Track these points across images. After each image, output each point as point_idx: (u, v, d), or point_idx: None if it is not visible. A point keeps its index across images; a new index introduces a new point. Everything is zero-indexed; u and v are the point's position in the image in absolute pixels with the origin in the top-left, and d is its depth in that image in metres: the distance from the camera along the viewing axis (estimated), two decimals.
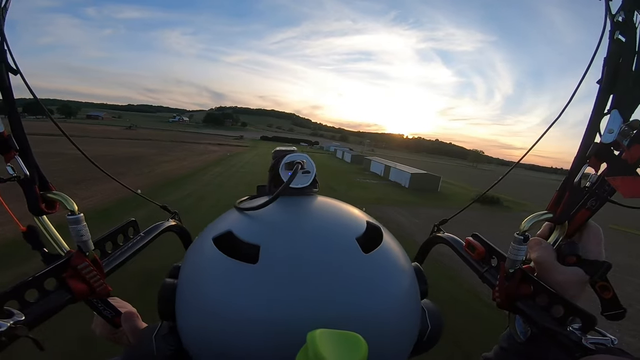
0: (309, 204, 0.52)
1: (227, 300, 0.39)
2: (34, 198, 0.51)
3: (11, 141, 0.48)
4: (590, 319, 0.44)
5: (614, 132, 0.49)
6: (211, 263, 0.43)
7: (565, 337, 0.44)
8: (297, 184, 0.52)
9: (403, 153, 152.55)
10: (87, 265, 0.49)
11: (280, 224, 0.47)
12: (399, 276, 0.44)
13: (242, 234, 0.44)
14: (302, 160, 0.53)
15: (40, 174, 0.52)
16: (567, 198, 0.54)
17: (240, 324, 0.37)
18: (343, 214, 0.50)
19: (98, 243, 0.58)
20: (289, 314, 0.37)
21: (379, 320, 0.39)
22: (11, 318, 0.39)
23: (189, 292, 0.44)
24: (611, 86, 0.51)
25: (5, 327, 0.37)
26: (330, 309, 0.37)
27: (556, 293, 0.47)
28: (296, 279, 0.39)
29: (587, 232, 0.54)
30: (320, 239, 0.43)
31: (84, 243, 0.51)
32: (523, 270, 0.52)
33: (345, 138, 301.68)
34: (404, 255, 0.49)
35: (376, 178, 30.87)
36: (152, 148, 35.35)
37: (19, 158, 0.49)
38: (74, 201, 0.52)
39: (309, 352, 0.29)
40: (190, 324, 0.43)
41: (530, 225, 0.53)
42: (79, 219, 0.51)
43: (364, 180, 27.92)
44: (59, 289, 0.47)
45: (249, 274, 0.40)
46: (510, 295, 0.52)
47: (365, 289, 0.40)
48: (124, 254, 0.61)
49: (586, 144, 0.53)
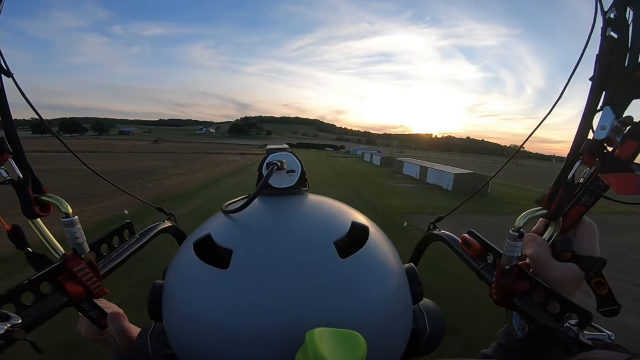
0: (294, 204, 0.51)
1: (199, 306, 0.39)
2: (28, 201, 0.50)
3: (4, 144, 0.48)
4: (586, 315, 0.44)
5: (607, 129, 0.49)
6: (188, 267, 0.44)
7: (563, 333, 0.45)
8: (280, 184, 0.52)
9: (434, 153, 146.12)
10: (82, 268, 0.50)
11: (257, 226, 0.47)
12: (380, 280, 0.43)
13: (219, 238, 0.45)
14: (281, 161, 0.52)
15: (34, 177, 0.51)
16: (561, 194, 0.54)
17: (214, 330, 0.37)
18: (326, 214, 0.49)
19: (93, 245, 0.57)
20: (254, 321, 0.36)
21: (355, 326, 0.38)
22: (8, 321, 0.39)
23: (170, 295, 0.44)
24: (603, 83, 0.51)
25: (2, 331, 0.38)
26: (299, 317, 0.36)
27: (552, 289, 0.48)
28: (265, 286, 0.38)
29: (581, 228, 0.55)
30: (295, 243, 0.42)
31: (79, 245, 0.51)
32: (519, 267, 0.52)
33: (372, 141, 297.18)
34: (393, 256, 0.47)
35: (411, 181, 26.91)
36: (170, 161, 34.40)
37: (12, 161, 0.49)
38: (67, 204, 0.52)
39: (308, 351, 0.28)
40: (172, 327, 0.43)
41: (525, 221, 0.53)
42: (74, 222, 0.51)
43: (398, 185, 24.21)
44: (55, 292, 0.47)
45: (219, 280, 0.40)
46: (507, 291, 0.52)
47: (340, 296, 0.38)
48: (119, 255, 0.61)
49: (579, 141, 0.53)
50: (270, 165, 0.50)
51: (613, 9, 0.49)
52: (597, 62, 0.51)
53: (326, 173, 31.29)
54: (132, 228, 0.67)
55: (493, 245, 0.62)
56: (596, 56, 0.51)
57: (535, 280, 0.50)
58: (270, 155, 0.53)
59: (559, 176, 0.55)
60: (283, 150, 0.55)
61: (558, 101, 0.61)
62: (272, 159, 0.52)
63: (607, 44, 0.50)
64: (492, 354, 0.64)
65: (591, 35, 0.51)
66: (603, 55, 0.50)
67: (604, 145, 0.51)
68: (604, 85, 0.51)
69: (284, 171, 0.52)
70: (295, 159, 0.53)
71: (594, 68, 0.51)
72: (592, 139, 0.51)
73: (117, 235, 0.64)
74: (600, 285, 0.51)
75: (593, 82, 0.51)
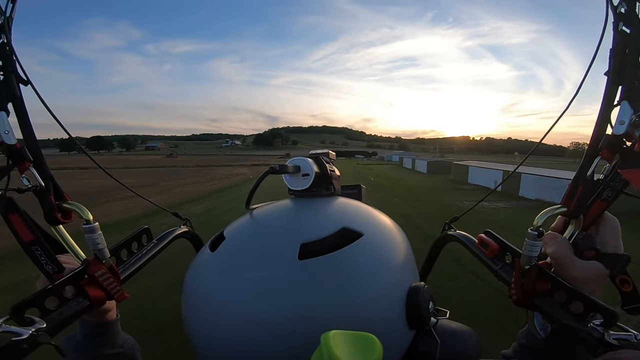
0: (306, 205, 0.55)
1: (193, 283, 0.46)
2: (50, 208, 0.51)
3: (24, 152, 0.49)
4: (612, 314, 0.43)
5: (625, 124, 0.49)
6: (199, 255, 0.51)
7: (587, 333, 0.44)
8: (296, 186, 0.58)
9: (478, 156, 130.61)
10: (103, 273, 0.51)
11: (258, 223, 0.52)
12: (338, 289, 0.41)
13: (226, 230, 0.52)
14: (282, 165, 0.55)
15: (55, 185, 0.53)
16: (580, 191, 0.53)
17: (197, 305, 0.44)
18: (319, 216, 0.52)
19: (113, 251, 0.59)
20: (228, 303, 0.41)
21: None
22: (33, 326, 0.40)
23: (185, 286, 0.49)
24: (619, 77, 0.51)
25: (27, 335, 0.39)
26: (254, 303, 0.39)
27: (574, 289, 0.47)
28: (232, 270, 0.43)
29: (603, 224, 0.53)
30: (275, 241, 0.47)
31: (100, 251, 0.52)
32: (539, 266, 0.51)
33: (404, 146, 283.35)
34: (378, 270, 0.45)
35: (496, 197, 15.61)
36: (152, 177, 26.81)
37: (33, 169, 0.50)
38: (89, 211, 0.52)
39: (322, 354, 0.28)
40: (183, 307, 0.48)
41: (544, 220, 0.52)
42: (94, 228, 0.52)
43: (484, 205, 13.51)
44: (77, 297, 0.48)
45: (206, 259, 0.48)
46: (527, 292, 0.51)
47: (283, 291, 0.40)
48: (138, 260, 0.63)
49: (597, 137, 0.52)
50: (270, 168, 0.54)
51: (623, 3, 0.50)
52: (611, 57, 0.51)
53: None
54: (149, 233, 0.68)
55: (511, 245, 0.60)
56: (610, 51, 0.51)
57: (557, 279, 0.49)
58: (289, 160, 0.57)
59: (578, 173, 0.54)
60: (324, 154, 0.63)
61: (575, 97, 0.61)
62: (289, 164, 0.57)
63: (621, 39, 0.50)
64: (513, 354, 0.63)
65: (605, 30, 0.51)
66: (617, 49, 0.51)
67: (623, 140, 0.50)
68: (620, 79, 0.50)
69: (300, 175, 0.57)
70: (311, 163, 0.57)
71: (609, 63, 0.51)
72: (611, 134, 0.50)
73: (135, 240, 0.65)
74: (624, 283, 0.50)
75: (609, 76, 0.51)
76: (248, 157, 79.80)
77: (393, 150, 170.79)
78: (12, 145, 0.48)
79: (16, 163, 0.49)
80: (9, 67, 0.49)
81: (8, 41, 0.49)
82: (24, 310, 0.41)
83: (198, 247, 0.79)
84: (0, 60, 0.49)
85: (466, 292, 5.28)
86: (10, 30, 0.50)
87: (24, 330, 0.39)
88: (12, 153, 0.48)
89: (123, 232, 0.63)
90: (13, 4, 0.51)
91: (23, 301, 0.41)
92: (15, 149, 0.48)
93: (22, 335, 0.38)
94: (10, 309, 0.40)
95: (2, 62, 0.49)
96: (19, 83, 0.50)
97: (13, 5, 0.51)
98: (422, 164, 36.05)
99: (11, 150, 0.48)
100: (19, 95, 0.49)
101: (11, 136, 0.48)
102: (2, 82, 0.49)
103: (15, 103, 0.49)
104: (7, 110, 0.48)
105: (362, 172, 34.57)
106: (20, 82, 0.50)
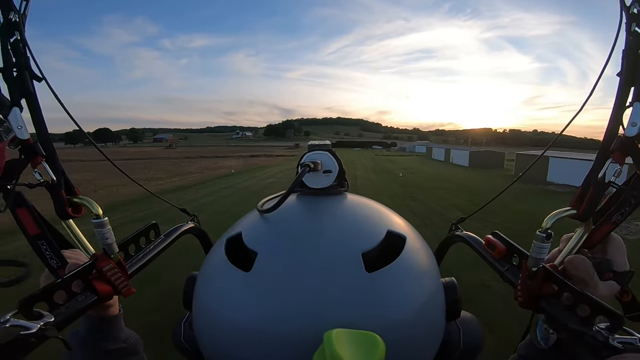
0: (329, 205, 0.52)
1: (218, 304, 0.43)
2: (61, 202, 0.52)
3: (37, 147, 0.50)
4: (618, 317, 0.43)
5: (637, 125, 0.49)
6: (217, 265, 0.47)
7: (592, 337, 0.44)
8: (316, 184, 0.52)
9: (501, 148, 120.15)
10: (112, 268, 0.51)
11: (287, 228, 0.48)
12: (407, 296, 0.42)
13: (247, 238, 0.47)
14: (315, 162, 0.51)
15: (67, 179, 0.53)
16: (591, 194, 0.53)
17: (230, 330, 0.40)
18: (361, 220, 0.49)
19: (122, 246, 0.59)
20: (268, 326, 0.38)
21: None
22: (41, 319, 0.40)
23: (198, 288, 0.48)
24: (632, 78, 0.50)
25: (36, 329, 0.38)
26: (314, 327, 0.36)
27: (582, 292, 0.46)
28: (284, 293, 0.39)
29: (611, 244, 0.55)
30: (322, 249, 0.43)
31: (108, 246, 0.52)
32: (546, 269, 0.51)
33: (425, 137, 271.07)
34: (429, 270, 0.47)
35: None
36: (106, 172, 20.30)
37: (45, 164, 0.51)
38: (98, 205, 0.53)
39: (325, 352, 0.27)
40: (195, 319, 0.47)
41: (553, 222, 0.51)
42: (104, 223, 0.52)
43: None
44: (85, 291, 0.48)
45: (239, 282, 0.42)
46: (533, 294, 0.51)
47: (358, 311, 0.38)
48: (146, 255, 0.62)
49: (609, 138, 0.52)
50: (304, 167, 0.50)
51: (636, 4, 0.49)
52: (623, 58, 0.51)
53: (382, 187, 14.98)
54: (157, 229, 0.68)
55: (518, 246, 0.59)
56: (622, 52, 0.51)
57: (564, 282, 0.48)
58: (307, 154, 0.53)
59: (589, 175, 0.53)
60: (325, 146, 0.55)
61: (590, 95, 0.61)
62: (307, 160, 0.52)
63: (634, 40, 0.50)
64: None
65: (619, 31, 0.51)
66: (629, 50, 0.50)
67: (635, 142, 0.49)
68: (632, 80, 0.50)
69: (321, 171, 0.52)
70: (333, 158, 0.52)
71: (621, 64, 0.51)
72: (623, 136, 0.50)
73: (143, 236, 0.65)
74: (624, 293, 0.53)
75: (621, 77, 0.51)
76: (252, 148, 74.03)
77: (412, 141, 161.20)
78: (25, 140, 0.48)
79: (29, 158, 0.49)
80: (23, 63, 0.49)
81: (22, 38, 0.49)
82: (33, 304, 0.41)
83: (205, 243, 0.78)
84: (14, 56, 0.49)
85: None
86: (24, 27, 0.50)
87: (32, 324, 0.38)
88: (25, 148, 0.49)
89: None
90: (27, 1, 0.50)
91: (31, 295, 0.41)
92: (28, 144, 0.49)
93: (31, 329, 0.38)
94: (19, 303, 0.39)
95: (16, 59, 0.49)
96: (33, 79, 0.50)
97: (27, 3, 0.50)
98: (461, 155, 29.00)
99: (24, 145, 0.49)
100: (32, 91, 0.50)
101: (24, 131, 0.48)
102: (15, 78, 0.49)
103: (29, 99, 0.50)
104: (21, 106, 0.49)
105: (385, 165, 27.64)
106: (33, 79, 0.50)
